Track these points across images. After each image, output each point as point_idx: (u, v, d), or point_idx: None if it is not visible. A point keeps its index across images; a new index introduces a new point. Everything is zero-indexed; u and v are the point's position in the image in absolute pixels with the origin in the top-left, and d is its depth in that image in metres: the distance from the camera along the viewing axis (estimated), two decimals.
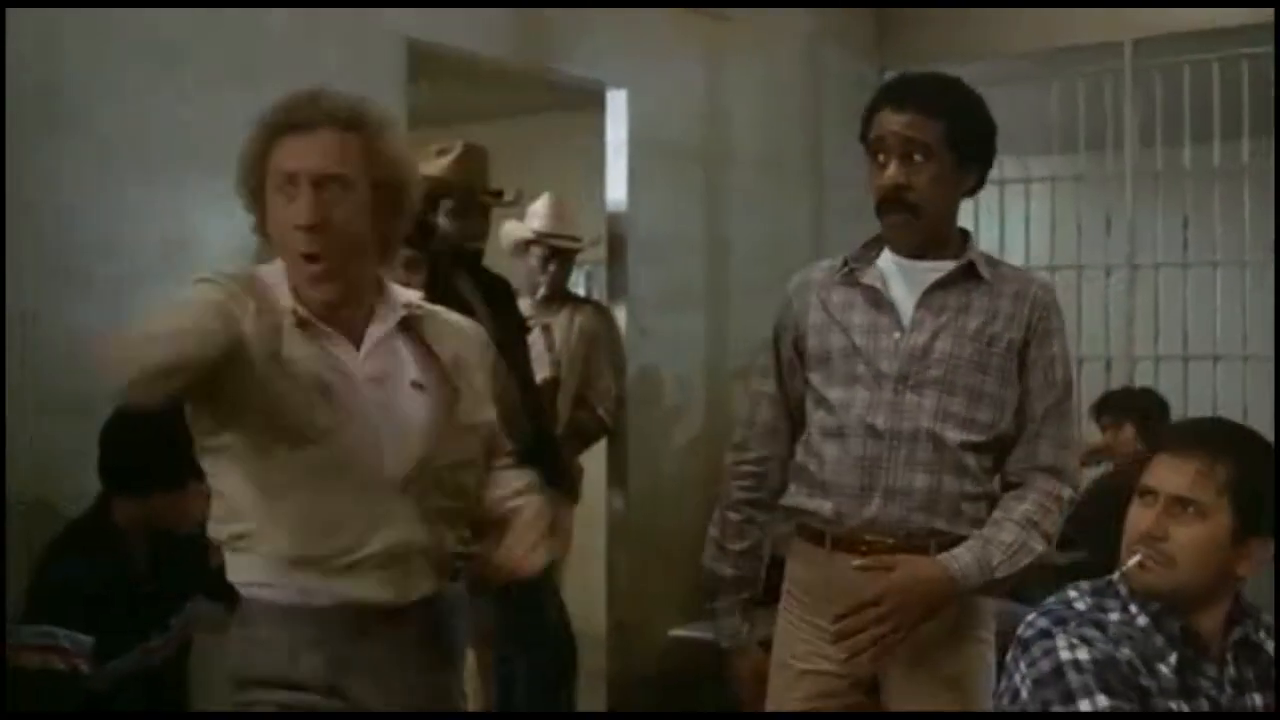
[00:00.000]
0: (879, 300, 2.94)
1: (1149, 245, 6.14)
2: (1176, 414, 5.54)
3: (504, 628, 4.66)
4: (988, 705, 2.87)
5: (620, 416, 5.39)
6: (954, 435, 2.87)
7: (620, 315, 5.52)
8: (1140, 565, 2.36)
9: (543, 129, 7.23)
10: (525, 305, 5.25)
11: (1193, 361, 6.06)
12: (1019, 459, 2.94)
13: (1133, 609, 2.39)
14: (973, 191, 2.99)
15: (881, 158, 2.89)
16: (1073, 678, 2.30)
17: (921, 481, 2.87)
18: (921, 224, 2.90)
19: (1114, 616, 2.39)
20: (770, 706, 3.03)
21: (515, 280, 5.21)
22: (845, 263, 3.00)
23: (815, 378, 2.99)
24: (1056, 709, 2.30)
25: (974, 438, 2.89)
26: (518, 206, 5.23)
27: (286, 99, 2.40)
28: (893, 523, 2.87)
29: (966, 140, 2.91)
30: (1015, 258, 6.30)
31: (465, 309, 4.43)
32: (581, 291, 6.77)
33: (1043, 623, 2.39)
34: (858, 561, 2.81)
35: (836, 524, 2.91)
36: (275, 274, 2.41)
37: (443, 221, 4.56)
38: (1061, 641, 2.35)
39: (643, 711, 5.41)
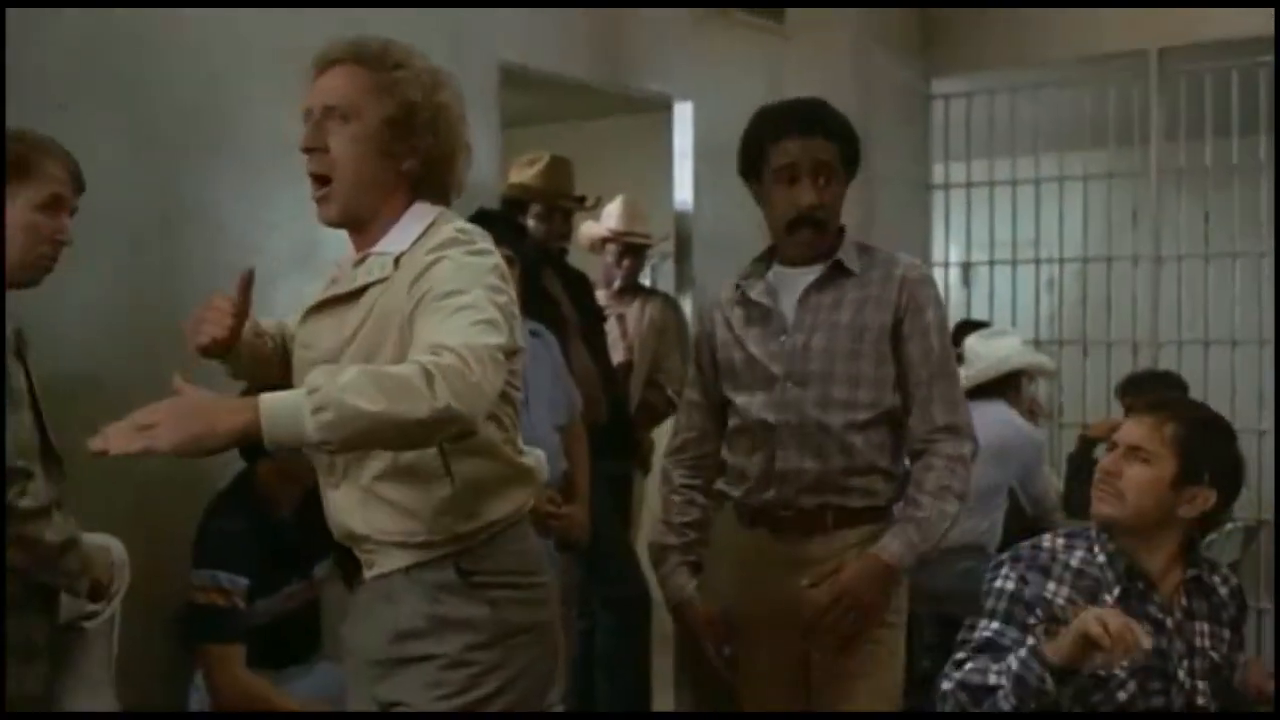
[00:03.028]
0: (767, 312, 3.15)
1: (1173, 237, 6.24)
2: (1196, 394, 5.48)
3: (585, 585, 4.92)
4: (898, 665, 3.17)
5: None
6: (837, 419, 3.06)
7: (686, 306, 5.66)
8: (1098, 498, 2.77)
9: (617, 133, 7.30)
10: (601, 297, 5.52)
11: (1213, 346, 6.14)
12: (917, 426, 3.09)
13: (1095, 549, 2.80)
14: None
15: (792, 181, 3.06)
16: (990, 602, 2.76)
17: (810, 464, 3.08)
18: (824, 237, 3.12)
19: (1079, 554, 2.80)
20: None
21: (593, 275, 5.48)
22: (738, 284, 3.22)
23: (726, 386, 3.23)
24: (971, 619, 2.78)
25: (858, 417, 3.07)
26: (597, 210, 5.50)
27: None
28: (787, 501, 3.11)
29: (851, 156, 3.13)
30: (1050, 249, 6.54)
31: (551, 301, 4.84)
32: (650, 284, 7.02)
33: (1007, 555, 2.84)
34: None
35: (749, 505, 3.20)
36: None
37: (531, 224, 4.88)
38: (1004, 571, 2.79)
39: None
